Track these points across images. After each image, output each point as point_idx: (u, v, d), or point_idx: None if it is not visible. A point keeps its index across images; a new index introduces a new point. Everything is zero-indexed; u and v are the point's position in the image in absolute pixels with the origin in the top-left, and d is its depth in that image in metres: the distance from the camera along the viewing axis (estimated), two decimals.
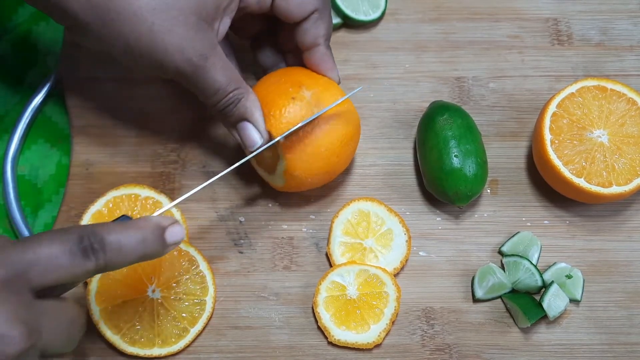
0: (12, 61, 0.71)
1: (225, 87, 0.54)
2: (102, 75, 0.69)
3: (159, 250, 0.46)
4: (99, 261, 0.43)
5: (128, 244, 0.45)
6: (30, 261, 0.41)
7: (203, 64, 0.52)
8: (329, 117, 0.57)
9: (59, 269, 0.42)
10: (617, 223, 0.64)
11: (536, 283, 0.60)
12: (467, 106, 0.68)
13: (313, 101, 0.57)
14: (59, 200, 0.65)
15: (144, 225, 0.46)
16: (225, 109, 0.55)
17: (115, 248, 0.44)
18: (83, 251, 0.43)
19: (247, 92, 0.55)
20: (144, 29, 0.51)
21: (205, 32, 0.53)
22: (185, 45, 0.52)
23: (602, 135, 0.61)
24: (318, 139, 0.57)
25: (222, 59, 0.54)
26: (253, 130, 0.55)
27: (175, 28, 0.51)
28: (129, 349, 0.58)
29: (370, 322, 0.59)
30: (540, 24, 0.72)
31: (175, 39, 0.51)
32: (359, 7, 0.70)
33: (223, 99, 0.54)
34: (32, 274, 0.41)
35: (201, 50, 0.52)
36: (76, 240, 0.43)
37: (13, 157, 0.66)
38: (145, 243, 0.45)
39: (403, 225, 0.62)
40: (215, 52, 0.53)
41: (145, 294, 0.59)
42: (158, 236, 0.46)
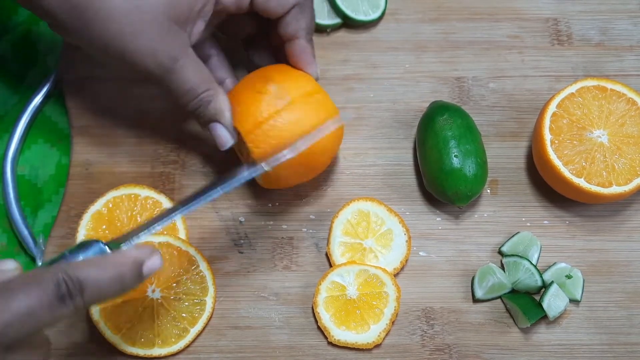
0: (12, 61, 0.71)
1: (194, 89, 0.54)
2: (102, 75, 0.69)
3: (135, 284, 0.46)
4: (77, 305, 0.43)
5: (106, 283, 0.44)
6: (6, 322, 0.40)
7: (173, 66, 0.53)
8: (294, 107, 0.57)
9: (36, 322, 0.41)
10: (617, 223, 0.64)
11: (536, 283, 0.60)
12: (467, 106, 0.68)
13: (278, 93, 0.57)
14: (59, 200, 0.65)
15: (121, 261, 0.45)
16: (197, 110, 0.56)
17: (93, 289, 0.43)
18: (61, 299, 0.42)
19: (217, 93, 0.56)
20: (116, 30, 0.51)
21: (176, 35, 0.53)
22: (155, 48, 0.52)
23: (602, 136, 0.61)
24: (282, 131, 0.56)
25: (193, 60, 0.54)
26: (223, 130, 0.56)
27: (146, 30, 0.52)
28: (129, 349, 0.58)
29: (370, 322, 0.59)
30: (540, 24, 0.72)
31: (145, 42, 0.52)
32: (359, 7, 0.70)
33: (193, 100, 0.55)
34: (8, 333, 0.40)
35: (171, 53, 0.53)
36: (53, 289, 0.42)
37: (13, 157, 0.66)
38: (122, 281, 0.45)
39: (403, 226, 0.62)
40: (186, 54, 0.54)
41: (145, 294, 0.59)
42: (135, 272, 0.46)
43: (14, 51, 0.71)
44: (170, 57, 0.53)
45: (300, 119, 0.57)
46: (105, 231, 0.61)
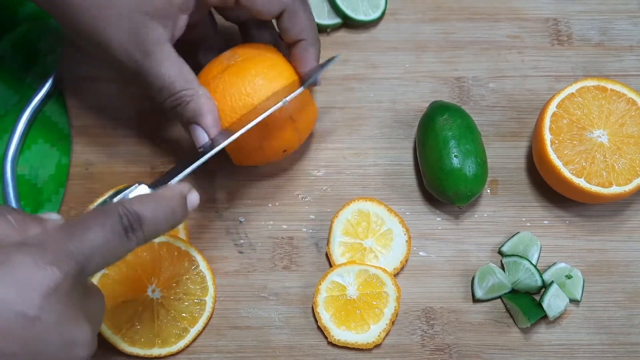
0: (12, 61, 0.71)
1: (169, 86, 0.53)
2: (102, 75, 0.69)
3: (183, 219, 0.46)
4: (139, 240, 0.43)
5: (161, 218, 0.44)
6: (89, 252, 0.40)
7: (145, 60, 0.52)
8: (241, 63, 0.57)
9: (110, 254, 0.41)
10: (617, 223, 0.64)
11: (536, 283, 0.60)
12: (467, 106, 0.68)
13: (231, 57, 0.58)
14: (59, 200, 0.65)
15: (172, 195, 0.46)
16: (174, 109, 0.55)
17: (151, 224, 0.44)
18: (125, 232, 0.42)
19: (197, 93, 0.54)
20: (88, 21, 0.51)
21: (151, 29, 0.52)
22: (127, 42, 0.52)
23: (602, 136, 0.61)
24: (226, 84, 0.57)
25: (169, 57, 0.53)
26: (202, 132, 0.54)
27: (117, 24, 0.51)
28: (128, 349, 0.58)
29: (370, 322, 0.59)
30: (540, 24, 0.72)
31: (118, 35, 0.52)
32: (359, 7, 0.71)
33: (169, 98, 0.54)
34: (91, 265, 0.40)
35: (143, 47, 0.52)
36: (118, 222, 0.42)
37: (13, 157, 0.66)
38: (174, 214, 0.45)
39: (403, 226, 0.62)
40: (162, 50, 0.53)
41: (145, 294, 0.59)
42: (183, 205, 0.46)
43: (15, 51, 0.71)
44: (142, 51, 0.52)
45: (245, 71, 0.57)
46: None
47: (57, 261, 0.39)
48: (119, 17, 0.51)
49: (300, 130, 0.61)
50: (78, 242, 0.40)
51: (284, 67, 0.59)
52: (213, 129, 0.54)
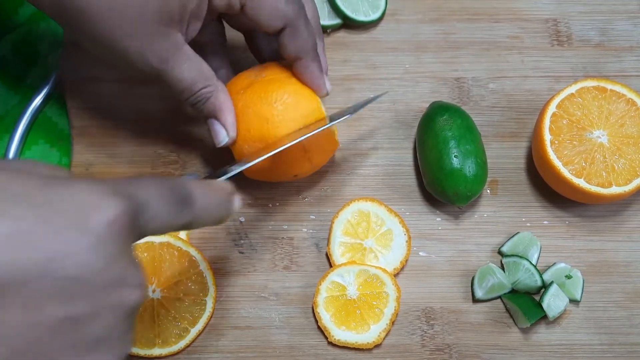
0: (12, 61, 0.71)
1: (190, 86, 0.55)
2: (102, 76, 0.69)
3: (227, 217, 0.46)
4: (188, 217, 0.41)
5: (211, 205, 0.44)
6: (147, 202, 0.39)
7: (164, 66, 0.53)
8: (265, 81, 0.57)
9: (162, 218, 0.40)
10: (617, 223, 0.64)
11: (536, 283, 0.60)
12: (467, 107, 0.68)
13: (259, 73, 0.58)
14: None
15: (222, 188, 0.45)
16: (195, 106, 0.56)
17: (202, 207, 0.43)
18: (180, 203, 0.41)
19: (217, 90, 0.56)
20: (104, 30, 0.51)
21: (166, 36, 0.53)
22: (145, 50, 0.52)
23: (602, 136, 0.61)
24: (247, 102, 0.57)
25: (187, 59, 0.54)
26: (220, 127, 0.57)
27: (133, 32, 0.52)
28: None
29: (370, 322, 0.59)
30: (540, 24, 0.72)
31: (135, 44, 0.52)
32: (359, 8, 0.71)
33: (191, 97, 0.55)
34: (144, 218, 0.38)
35: (161, 54, 0.53)
36: (175, 190, 0.41)
37: (13, 157, 0.66)
38: (223, 207, 0.45)
39: (403, 226, 0.62)
40: (180, 53, 0.54)
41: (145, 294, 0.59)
42: (231, 202, 0.45)
43: (15, 51, 0.71)
44: (160, 58, 0.53)
45: (267, 93, 0.56)
46: None
47: (118, 193, 0.37)
48: (135, 26, 0.52)
49: (314, 162, 0.60)
50: (136, 187, 0.39)
51: (309, 95, 0.58)
52: (231, 126, 0.56)
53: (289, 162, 0.59)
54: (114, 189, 0.37)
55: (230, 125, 0.57)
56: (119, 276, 0.36)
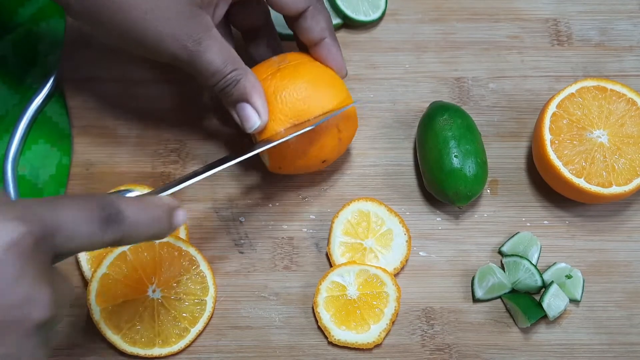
0: (12, 61, 0.71)
1: (222, 69, 0.54)
2: (102, 75, 0.69)
3: (165, 232, 0.46)
4: (116, 235, 0.42)
5: (143, 221, 0.44)
6: (59, 223, 0.40)
7: (197, 48, 0.53)
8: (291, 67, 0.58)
9: (82, 237, 0.41)
10: (617, 223, 0.64)
11: (536, 283, 0.60)
12: (467, 106, 0.68)
13: (281, 60, 0.59)
14: None
15: (159, 204, 0.45)
16: (224, 90, 0.56)
17: (132, 223, 0.43)
18: (104, 221, 0.41)
19: (246, 73, 0.56)
20: (137, 17, 0.52)
21: (199, 18, 0.53)
22: (179, 32, 0.52)
23: (602, 136, 0.61)
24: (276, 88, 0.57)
25: (218, 41, 0.54)
26: (251, 111, 0.56)
27: (168, 16, 0.52)
28: (129, 349, 0.58)
29: (370, 322, 0.59)
30: (540, 24, 0.72)
31: (169, 27, 0.52)
32: (359, 8, 0.71)
33: (221, 81, 0.55)
34: (57, 238, 0.40)
35: (195, 36, 0.53)
36: (98, 209, 0.41)
37: (13, 157, 0.66)
38: (158, 222, 0.45)
39: (403, 226, 0.62)
40: (210, 35, 0.54)
41: (145, 294, 0.59)
42: (169, 217, 0.46)
43: (15, 51, 0.71)
44: (194, 40, 0.53)
45: (296, 76, 0.57)
46: None
47: (23, 217, 0.38)
48: (168, 10, 0.52)
49: (343, 141, 0.61)
50: (49, 209, 0.40)
51: (334, 76, 0.60)
52: (263, 109, 0.56)
53: (322, 143, 0.59)
54: (18, 213, 0.38)
55: (263, 108, 0.56)
56: (21, 296, 0.37)
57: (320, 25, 0.58)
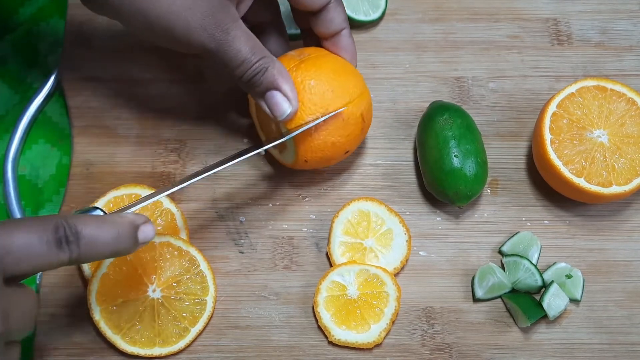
0: (12, 61, 0.71)
1: (250, 58, 0.54)
2: (102, 75, 0.69)
3: (129, 248, 0.47)
4: (72, 254, 0.44)
5: (102, 239, 0.45)
6: (5, 248, 0.41)
7: (225, 37, 0.53)
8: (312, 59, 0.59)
9: (33, 258, 0.42)
10: (617, 223, 0.64)
11: (536, 283, 0.60)
12: (467, 106, 0.68)
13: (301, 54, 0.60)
14: (60, 200, 0.65)
15: (119, 221, 0.46)
16: (253, 79, 0.55)
17: (89, 242, 0.44)
18: (58, 242, 0.43)
19: (273, 61, 0.56)
20: (164, 6, 0.52)
21: (226, 8, 0.54)
22: (207, 22, 0.53)
23: (602, 135, 0.61)
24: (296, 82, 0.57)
25: (244, 31, 0.55)
26: (282, 98, 0.55)
27: (196, 6, 0.52)
28: (129, 348, 0.58)
29: (370, 322, 0.59)
30: (540, 24, 0.72)
31: (197, 16, 0.52)
32: (359, 8, 0.71)
33: (249, 69, 0.55)
34: (6, 261, 0.41)
35: (223, 25, 0.53)
36: (52, 230, 0.43)
37: (14, 157, 0.66)
38: (118, 239, 0.46)
39: (403, 225, 0.62)
40: (237, 25, 0.54)
41: (145, 293, 0.59)
42: (131, 234, 0.47)
43: (15, 51, 0.71)
44: (223, 30, 0.53)
45: (321, 67, 0.58)
46: None
47: None
48: (195, 1, 0.52)
49: (364, 130, 0.62)
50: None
51: (353, 67, 0.61)
52: (292, 93, 0.56)
53: (349, 134, 0.59)
54: None
55: (293, 95, 0.56)
56: None
57: (341, 16, 0.59)
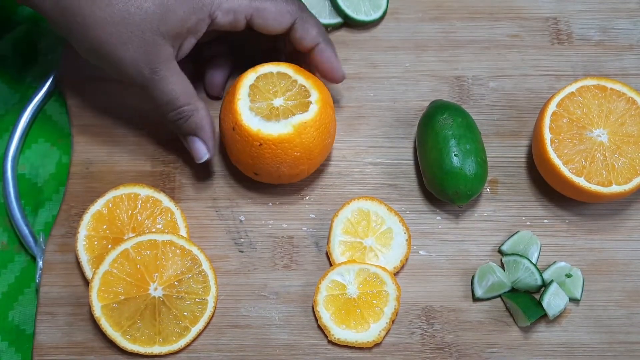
0: (12, 60, 0.71)
1: (173, 101, 0.57)
2: (102, 75, 0.69)
3: None
4: None
5: None
6: None
7: (153, 77, 0.56)
8: None
9: None
10: (617, 222, 0.64)
11: (536, 282, 0.60)
12: (467, 105, 0.68)
13: None
14: (59, 199, 0.66)
15: None
16: (176, 122, 0.58)
17: None
18: None
19: (198, 108, 0.58)
20: (103, 38, 0.54)
21: (160, 48, 0.55)
22: (138, 59, 0.55)
23: (602, 135, 0.61)
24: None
25: (175, 73, 0.56)
26: (201, 144, 0.59)
27: (130, 42, 0.54)
28: (129, 346, 0.58)
29: (370, 321, 0.59)
30: (540, 23, 0.72)
31: (129, 52, 0.54)
32: (360, 7, 0.71)
33: (172, 112, 0.58)
34: None
35: (152, 65, 0.55)
36: None
37: (13, 156, 0.66)
38: None
39: (403, 225, 0.62)
40: (168, 67, 0.56)
41: (147, 292, 0.59)
42: None
43: (15, 50, 0.71)
44: (151, 69, 0.55)
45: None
46: (106, 231, 0.61)
47: None
48: (132, 36, 0.54)
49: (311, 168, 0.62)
50: None
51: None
52: (211, 142, 0.59)
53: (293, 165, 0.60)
54: None
55: (211, 142, 0.59)
56: None
57: (310, 34, 0.59)
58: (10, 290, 0.63)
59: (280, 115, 0.58)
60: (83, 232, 0.61)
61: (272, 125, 0.57)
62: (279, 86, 0.59)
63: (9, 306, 0.63)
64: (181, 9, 0.54)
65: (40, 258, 0.62)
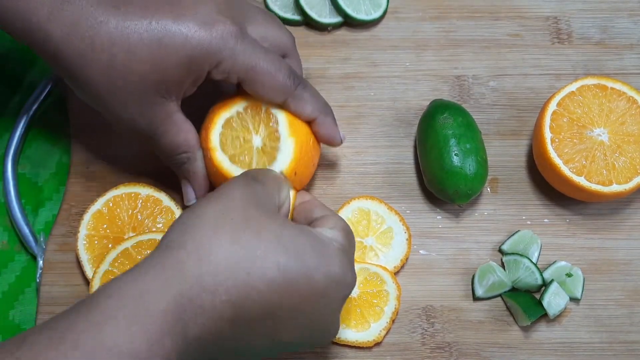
0: (12, 60, 0.71)
1: (171, 151, 0.58)
2: None
3: None
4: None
5: None
6: None
7: (152, 134, 0.56)
8: None
9: None
10: (617, 221, 0.64)
11: (536, 281, 0.60)
12: (467, 104, 0.68)
13: None
14: (60, 198, 0.66)
15: None
16: (172, 164, 0.59)
17: None
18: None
19: (195, 158, 0.58)
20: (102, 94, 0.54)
21: (160, 106, 0.55)
22: (137, 118, 0.55)
23: (603, 134, 0.61)
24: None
25: (175, 126, 0.57)
26: (190, 190, 0.60)
27: (129, 103, 0.55)
28: None
29: (370, 321, 0.59)
30: (540, 22, 0.72)
31: (128, 112, 0.55)
32: (360, 6, 0.70)
33: (169, 159, 0.58)
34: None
35: (152, 123, 0.56)
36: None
37: (13, 155, 0.66)
38: None
39: (403, 224, 0.62)
40: (169, 122, 0.56)
41: None
42: None
43: (15, 50, 0.71)
44: (150, 126, 0.56)
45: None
46: (107, 230, 0.61)
47: None
48: (131, 96, 0.54)
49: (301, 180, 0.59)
50: None
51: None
52: (201, 191, 0.60)
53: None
54: None
55: (201, 191, 0.60)
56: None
57: (305, 111, 0.57)
58: (10, 289, 0.63)
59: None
60: (83, 231, 0.61)
61: None
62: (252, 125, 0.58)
63: (10, 305, 0.63)
64: (178, 73, 0.54)
65: (41, 257, 0.62)
